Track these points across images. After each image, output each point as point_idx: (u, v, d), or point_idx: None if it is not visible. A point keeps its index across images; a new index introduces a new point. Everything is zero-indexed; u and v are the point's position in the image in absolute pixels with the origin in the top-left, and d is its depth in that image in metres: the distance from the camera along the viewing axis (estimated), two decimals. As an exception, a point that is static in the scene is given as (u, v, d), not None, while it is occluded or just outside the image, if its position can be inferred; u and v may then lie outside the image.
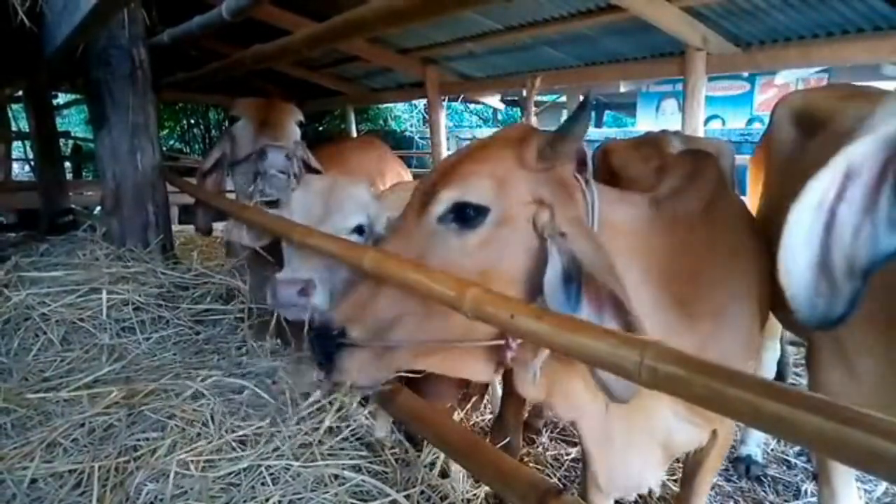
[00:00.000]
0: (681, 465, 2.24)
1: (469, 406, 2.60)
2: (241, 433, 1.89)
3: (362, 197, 2.17)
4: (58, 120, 9.47)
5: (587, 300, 1.29)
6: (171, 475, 1.71)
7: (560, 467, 3.03)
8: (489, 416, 3.50)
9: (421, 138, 15.05)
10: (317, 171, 3.19)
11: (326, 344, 1.38)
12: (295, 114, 3.20)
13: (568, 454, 3.12)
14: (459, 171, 1.43)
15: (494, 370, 1.52)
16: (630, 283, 1.32)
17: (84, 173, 12.25)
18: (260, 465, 1.76)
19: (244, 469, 1.76)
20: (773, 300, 2.21)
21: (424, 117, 15.12)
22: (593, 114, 17.12)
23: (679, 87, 5.59)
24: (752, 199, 2.86)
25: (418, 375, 2.00)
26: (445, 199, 1.39)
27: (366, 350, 1.39)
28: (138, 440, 1.89)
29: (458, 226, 1.38)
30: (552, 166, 1.40)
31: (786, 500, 2.96)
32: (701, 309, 1.62)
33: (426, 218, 1.42)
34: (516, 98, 13.93)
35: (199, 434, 1.87)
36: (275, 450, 1.85)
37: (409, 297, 1.39)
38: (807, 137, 2.58)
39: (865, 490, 2.78)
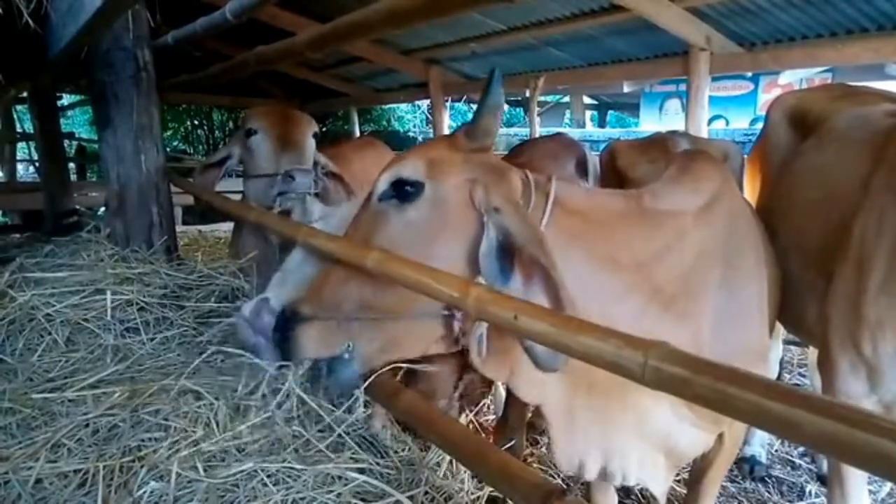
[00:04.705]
0: (687, 468, 2.24)
1: (463, 397, 2.58)
2: (243, 433, 1.89)
3: None
4: (62, 121, 9.51)
5: (519, 273, 1.40)
6: (175, 476, 1.71)
7: (563, 468, 3.02)
8: (492, 417, 3.50)
9: (424, 139, 15.06)
10: (338, 176, 3.25)
11: (283, 328, 1.54)
12: (312, 127, 3.27)
13: (571, 455, 3.11)
14: (399, 157, 1.60)
15: (452, 343, 1.56)
16: (590, 268, 1.48)
17: (88, 174, 12.27)
18: (262, 466, 1.76)
19: (247, 469, 1.76)
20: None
21: (428, 118, 15.13)
22: (596, 114, 17.14)
23: (682, 87, 5.59)
24: (749, 199, 2.86)
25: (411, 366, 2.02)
26: (385, 179, 1.53)
27: (317, 323, 1.52)
28: (142, 440, 1.89)
29: (398, 202, 1.51)
30: (482, 146, 1.54)
31: (790, 501, 2.95)
32: (693, 308, 1.62)
33: (372, 200, 1.57)
34: (519, 98, 13.93)
35: (202, 435, 1.88)
36: (278, 450, 1.85)
37: (356, 275, 1.52)
38: (801, 138, 2.58)
39: (870, 490, 2.77)
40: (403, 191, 1.49)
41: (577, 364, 1.33)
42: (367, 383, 1.87)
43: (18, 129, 9.80)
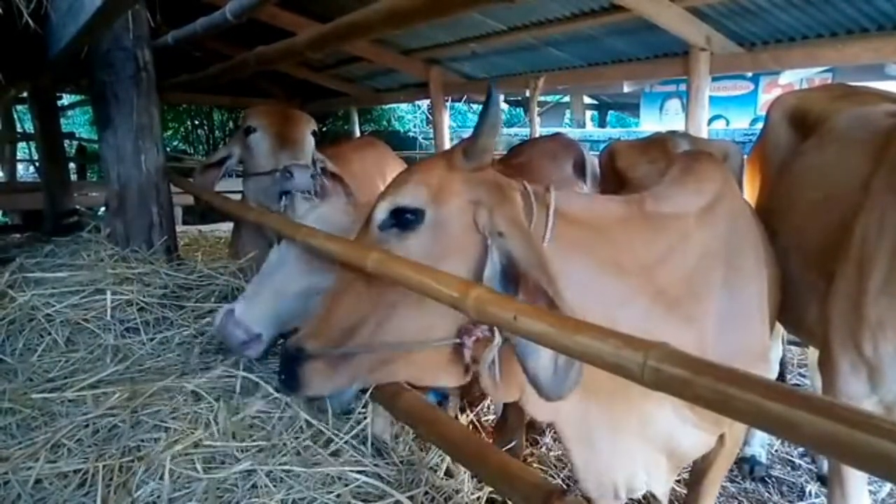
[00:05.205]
0: (687, 468, 2.23)
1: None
2: (243, 434, 1.89)
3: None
4: (62, 121, 9.50)
5: (523, 295, 1.38)
6: (174, 476, 1.71)
7: (564, 468, 3.02)
8: (492, 417, 3.50)
9: (424, 139, 15.06)
10: (337, 176, 3.26)
11: (288, 362, 1.53)
12: (310, 124, 3.29)
13: (571, 455, 3.11)
14: (396, 182, 1.54)
15: (462, 373, 1.54)
16: (594, 276, 1.47)
17: (88, 174, 12.28)
18: (262, 466, 1.76)
19: (246, 469, 1.76)
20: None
21: (428, 118, 15.13)
22: (596, 114, 17.13)
23: (683, 87, 5.59)
24: (749, 199, 2.86)
25: None
26: (384, 208, 1.49)
27: (323, 360, 1.50)
28: (142, 440, 1.89)
29: (398, 230, 1.48)
30: (480, 164, 1.49)
31: (790, 502, 2.95)
32: (696, 309, 1.62)
33: (371, 228, 1.53)
34: (519, 98, 13.93)
35: (202, 435, 1.87)
36: (278, 451, 1.85)
37: (361, 304, 1.49)
38: (802, 138, 2.59)
39: (870, 491, 2.77)
40: (404, 219, 1.46)
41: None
42: (368, 393, 1.88)
43: (18, 129, 9.79)
